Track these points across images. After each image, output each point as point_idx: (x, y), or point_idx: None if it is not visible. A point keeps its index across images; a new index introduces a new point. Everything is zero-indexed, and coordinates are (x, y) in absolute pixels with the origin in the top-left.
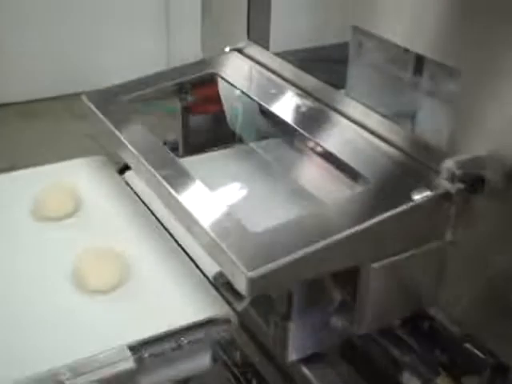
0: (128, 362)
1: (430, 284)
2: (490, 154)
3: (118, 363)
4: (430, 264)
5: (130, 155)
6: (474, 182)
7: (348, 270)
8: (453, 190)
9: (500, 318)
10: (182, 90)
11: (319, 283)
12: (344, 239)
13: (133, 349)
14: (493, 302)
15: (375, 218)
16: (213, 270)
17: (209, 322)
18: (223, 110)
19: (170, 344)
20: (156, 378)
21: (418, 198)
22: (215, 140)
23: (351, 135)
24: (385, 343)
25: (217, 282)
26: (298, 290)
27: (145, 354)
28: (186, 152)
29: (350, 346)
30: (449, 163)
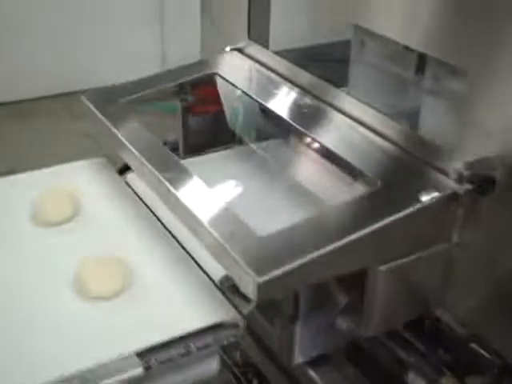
0: (137, 369)
1: (436, 286)
2: (498, 154)
3: (127, 370)
4: (437, 266)
5: (133, 157)
6: (483, 183)
7: (355, 272)
8: (461, 191)
9: (507, 319)
10: (182, 90)
11: (325, 285)
12: (353, 242)
13: (141, 355)
14: (500, 303)
15: (384, 221)
16: (219, 273)
17: (217, 327)
18: (224, 111)
19: (179, 350)
20: None
21: (426, 200)
22: (216, 140)
23: (354, 135)
24: (390, 344)
25: (223, 286)
26: (304, 293)
27: (153, 361)
28: (187, 153)
29: (355, 348)
30: (457, 164)
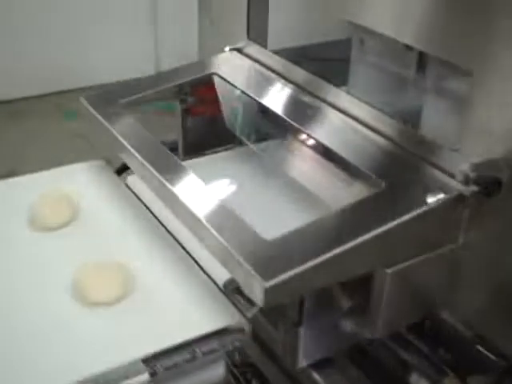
0: (143, 375)
1: (442, 287)
2: (503, 156)
3: (133, 377)
4: (442, 267)
5: (134, 160)
6: (489, 185)
7: (361, 275)
8: (467, 192)
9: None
10: (181, 91)
11: (329, 288)
12: (361, 245)
13: (146, 361)
14: (505, 304)
15: (391, 223)
16: (223, 277)
17: (222, 332)
18: (223, 111)
19: (184, 355)
20: None
21: (433, 202)
22: (216, 141)
23: (355, 135)
24: (393, 346)
25: (226, 290)
26: (308, 296)
27: (158, 367)
28: (187, 153)
29: (358, 350)
30: (463, 166)
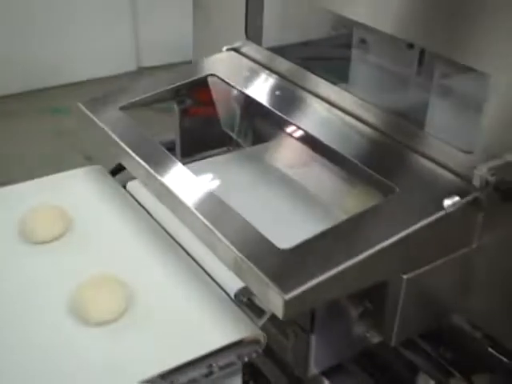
0: None
1: (456, 291)
2: None
3: None
4: (457, 271)
5: (137, 166)
6: (508, 189)
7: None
8: (483, 196)
9: None
10: (179, 92)
11: None
12: (379, 252)
13: (164, 377)
14: None
15: (409, 228)
16: (234, 286)
17: (238, 344)
18: (222, 112)
19: (202, 370)
20: None
21: (450, 206)
22: (214, 142)
23: (362, 137)
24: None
25: (237, 300)
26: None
27: (176, 383)
28: (185, 155)
29: (365, 353)
30: (481, 169)
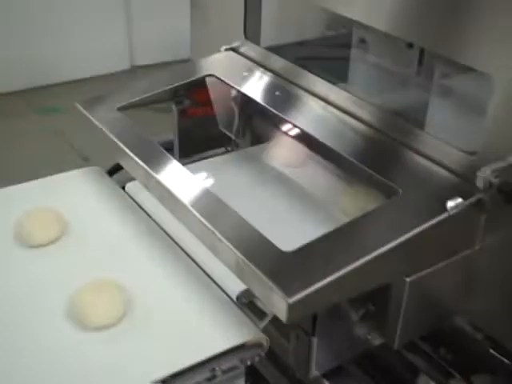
0: None
1: (459, 293)
2: None
3: None
4: (459, 273)
5: (137, 167)
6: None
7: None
8: (487, 197)
9: None
10: (177, 93)
11: None
12: (383, 255)
13: (166, 382)
14: None
15: (413, 230)
16: (236, 289)
17: (241, 347)
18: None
19: (204, 374)
20: None
21: (453, 208)
22: (213, 143)
23: (364, 138)
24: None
25: (239, 302)
26: None
27: None
28: (184, 155)
29: (366, 354)
30: (485, 171)
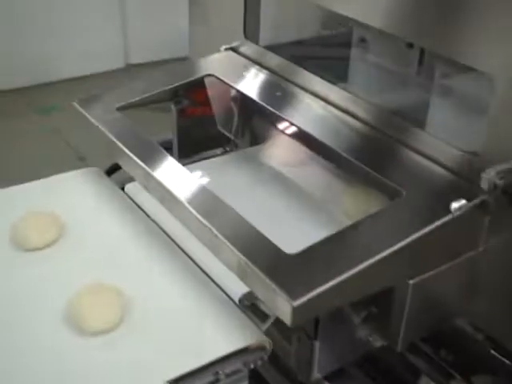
0: None
1: (462, 294)
2: None
3: None
4: (463, 275)
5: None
6: None
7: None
8: (491, 199)
9: None
10: (177, 93)
11: None
12: (388, 257)
13: None
14: None
15: (417, 233)
16: (238, 291)
17: (244, 351)
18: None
19: (208, 378)
20: None
21: (457, 210)
22: (213, 143)
23: (365, 139)
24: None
25: (241, 305)
26: None
27: None
28: (183, 155)
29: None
30: (489, 172)
